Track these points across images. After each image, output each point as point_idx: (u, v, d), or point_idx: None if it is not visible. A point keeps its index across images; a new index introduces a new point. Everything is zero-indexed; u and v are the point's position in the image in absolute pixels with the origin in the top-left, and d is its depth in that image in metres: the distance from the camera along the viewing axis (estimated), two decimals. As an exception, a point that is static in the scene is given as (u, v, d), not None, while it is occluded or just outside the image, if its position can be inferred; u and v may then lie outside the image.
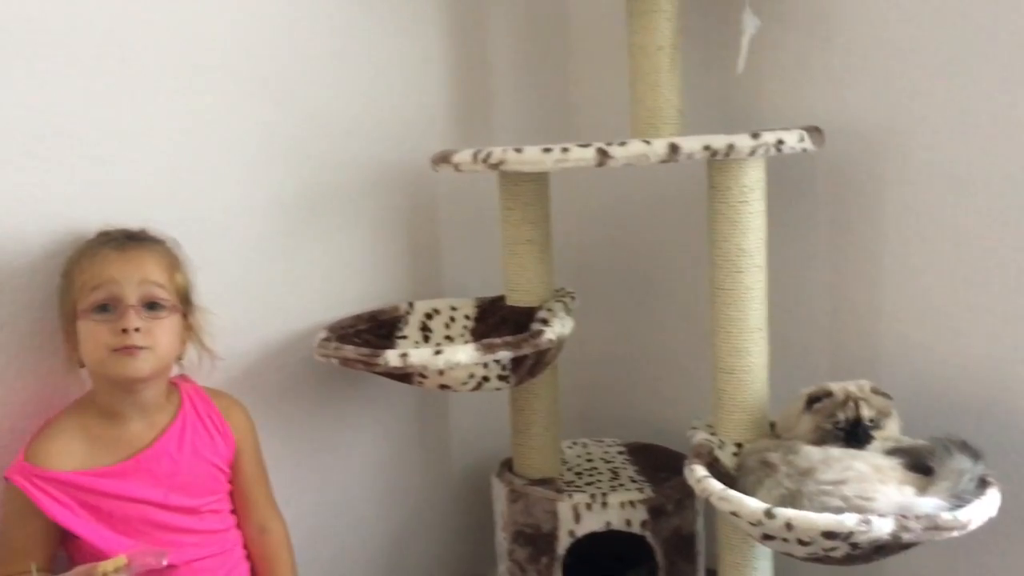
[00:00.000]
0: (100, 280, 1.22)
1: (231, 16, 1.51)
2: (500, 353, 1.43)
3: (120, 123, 1.38)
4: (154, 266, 1.27)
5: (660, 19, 1.56)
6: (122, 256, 1.24)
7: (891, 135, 1.57)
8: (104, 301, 1.22)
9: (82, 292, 1.22)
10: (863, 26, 1.58)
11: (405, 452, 1.86)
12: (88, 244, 1.28)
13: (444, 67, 1.85)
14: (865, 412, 1.40)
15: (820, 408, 1.43)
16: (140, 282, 1.24)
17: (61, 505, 1.22)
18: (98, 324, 1.22)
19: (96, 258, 1.24)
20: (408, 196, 1.80)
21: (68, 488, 1.22)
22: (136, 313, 1.22)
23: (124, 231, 1.31)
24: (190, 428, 1.33)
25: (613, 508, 1.61)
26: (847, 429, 1.40)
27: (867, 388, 1.43)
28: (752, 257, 1.47)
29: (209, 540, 1.33)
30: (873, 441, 1.39)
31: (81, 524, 1.23)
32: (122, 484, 1.25)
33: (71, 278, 1.25)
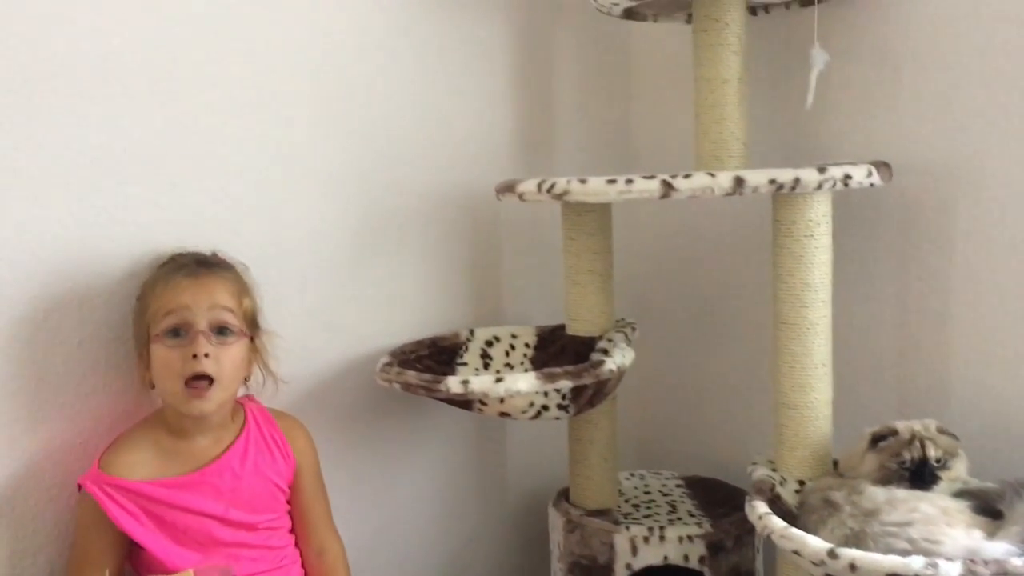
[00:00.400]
0: (173, 306, 1.26)
1: (302, 47, 1.56)
2: (561, 382, 1.44)
3: (193, 150, 1.43)
4: (224, 292, 1.31)
5: (727, 52, 1.56)
6: (194, 283, 1.29)
7: (960, 171, 1.55)
8: (176, 326, 1.26)
9: (155, 317, 1.27)
10: (931, 61, 1.57)
11: (462, 479, 1.86)
12: (162, 270, 1.32)
13: (509, 98, 1.87)
14: (931, 452, 1.37)
15: (885, 447, 1.40)
16: (210, 308, 1.28)
17: (128, 514, 1.26)
18: (169, 349, 1.26)
19: (169, 284, 1.28)
20: (471, 224, 1.82)
21: (135, 497, 1.26)
22: (206, 338, 1.27)
23: (196, 256, 1.35)
24: (253, 446, 1.37)
25: (671, 542, 1.59)
26: (913, 469, 1.37)
27: (933, 427, 1.40)
28: (817, 292, 1.46)
29: (266, 556, 1.36)
30: (939, 482, 1.36)
31: (145, 534, 1.26)
32: (186, 496, 1.29)
33: (146, 302, 1.30)
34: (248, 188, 1.50)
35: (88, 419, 1.33)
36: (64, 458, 1.31)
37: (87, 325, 1.33)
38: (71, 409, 1.32)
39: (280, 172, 1.54)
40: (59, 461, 1.31)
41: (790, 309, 1.47)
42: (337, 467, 1.61)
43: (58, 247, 1.30)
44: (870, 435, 1.43)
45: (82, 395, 1.33)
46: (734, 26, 1.56)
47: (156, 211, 1.39)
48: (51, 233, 1.29)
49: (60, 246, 1.30)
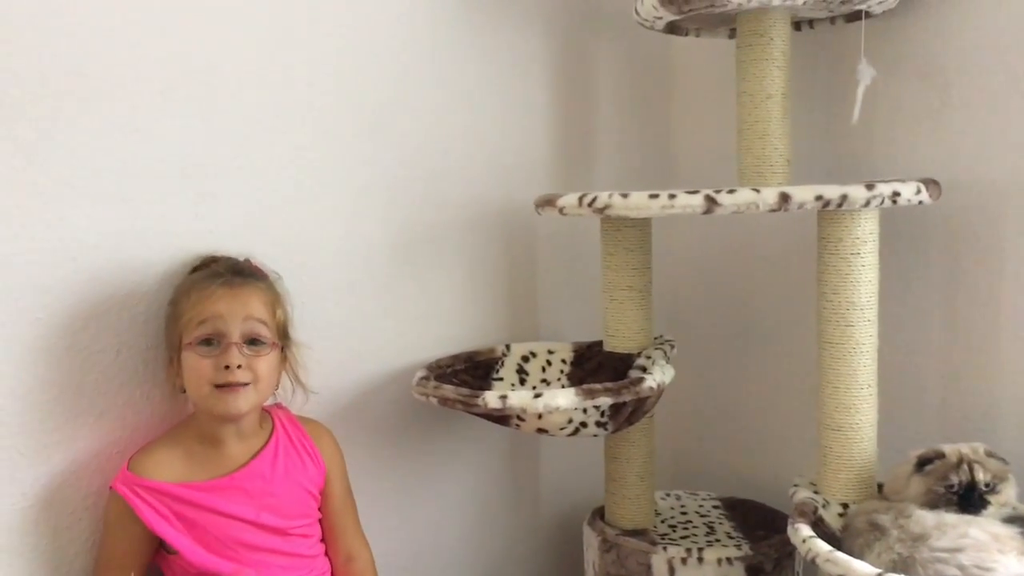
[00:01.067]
0: (207, 315, 1.26)
1: (338, 59, 1.55)
2: (600, 399, 1.42)
3: (231, 161, 1.42)
4: (258, 303, 1.30)
5: (771, 67, 1.55)
6: (229, 292, 1.28)
7: (1010, 189, 1.52)
8: (209, 336, 1.26)
9: (189, 325, 1.27)
10: (980, 76, 1.54)
11: (495, 496, 1.84)
12: (196, 276, 1.32)
13: (548, 111, 1.86)
14: (980, 476, 1.34)
15: (932, 470, 1.37)
16: (244, 319, 1.27)
17: (158, 514, 1.26)
18: (202, 358, 1.26)
19: (204, 293, 1.27)
20: (508, 238, 1.81)
21: (166, 498, 1.26)
22: (239, 349, 1.26)
23: (232, 264, 1.35)
24: (283, 451, 1.36)
25: (710, 564, 1.56)
26: (961, 493, 1.33)
27: (982, 451, 1.37)
28: (863, 311, 1.43)
29: (297, 564, 1.34)
30: (989, 507, 1.32)
31: (175, 535, 1.26)
32: (217, 499, 1.28)
33: (179, 309, 1.29)
34: (285, 199, 1.49)
35: (126, 428, 1.33)
36: (102, 466, 1.30)
37: (126, 334, 1.33)
38: (109, 417, 1.31)
39: (317, 184, 1.54)
40: (97, 469, 1.30)
41: (835, 329, 1.44)
42: (371, 480, 1.60)
43: (98, 255, 1.30)
44: (916, 458, 1.39)
45: (120, 404, 1.32)
46: (778, 41, 1.54)
47: (194, 221, 1.38)
48: (91, 242, 1.29)
49: (100, 254, 1.30)
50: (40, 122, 1.23)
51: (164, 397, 1.36)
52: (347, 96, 1.57)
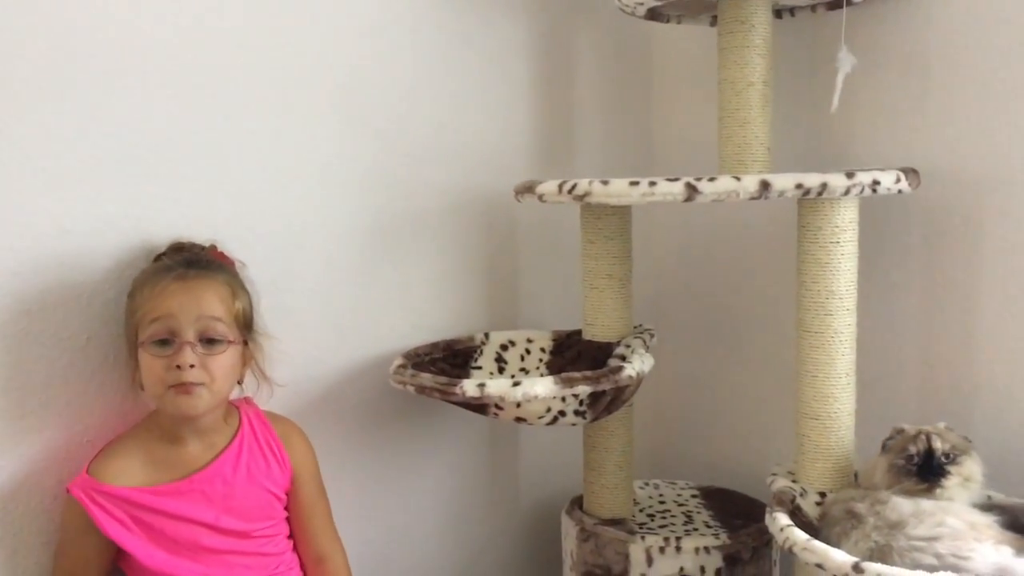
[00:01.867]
0: (159, 313, 1.21)
1: (314, 43, 1.53)
2: (579, 387, 1.41)
3: (206, 147, 1.40)
4: (213, 298, 1.25)
5: (753, 55, 1.54)
6: (182, 287, 1.23)
7: (988, 179, 1.52)
8: (162, 336, 1.22)
9: (143, 322, 1.23)
10: (960, 65, 1.54)
11: (473, 485, 1.84)
12: (152, 270, 1.27)
13: (529, 99, 1.85)
14: (938, 444, 1.34)
15: (892, 445, 1.38)
16: (198, 318, 1.23)
17: (116, 520, 1.22)
18: (155, 358, 1.22)
19: (156, 288, 1.23)
20: (487, 225, 1.80)
21: (124, 504, 1.23)
22: (192, 349, 1.22)
23: (188, 255, 1.30)
24: (247, 452, 1.32)
25: (687, 553, 1.56)
26: (920, 463, 1.34)
27: (941, 426, 1.38)
28: (842, 300, 1.43)
29: (261, 562, 1.32)
30: (949, 476, 1.32)
31: (133, 541, 1.23)
32: (175, 503, 1.25)
33: (134, 304, 1.25)
34: (262, 187, 1.47)
35: (96, 416, 1.31)
36: (73, 454, 1.28)
37: (96, 321, 1.30)
38: (78, 406, 1.29)
39: (295, 171, 1.52)
40: (66, 458, 1.28)
41: (814, 317, 1.44)
42: (348, 468, 1.59)
43: (68, 241, 1.27)
44: (882, 443, 1.41)
45: (90, 392, 1.30)
46: (760, 28, 1.54)
47: (168, 206, 1.36)
48: (61, 227, 1.26)
49: (70, 240, 1.28)
50: (6, 108, 1.21)
51: (134, 387, 1.33)
52: (323, 81, 1.54)
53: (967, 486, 1.34)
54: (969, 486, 1.34)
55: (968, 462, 1.35)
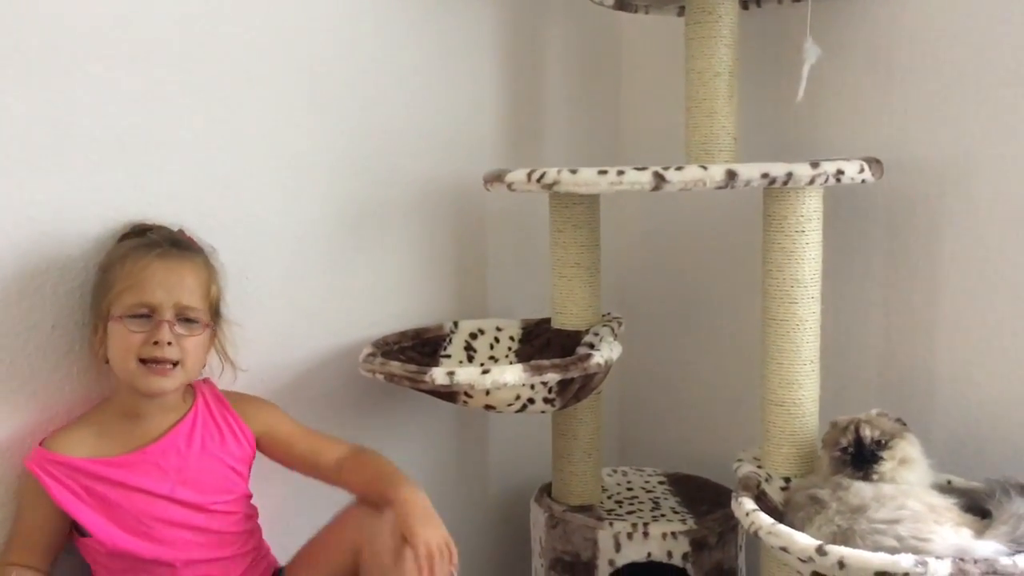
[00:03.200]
0: (140, 289, 1.22)
1: (290, 31, 1.52)
2: (548, 375, 1.42)
3: (174, 133, 1.39)
4: (193, 280, 1.27)
5: (720, 45, 1.55)
6: (164, 266, 1.24)
7: (951, 168, 1.55)
8: (141, 311, 1.23)
9: (121, 297, 1.23)
10: (923, 58, 1.56)
11: (442, 473, 1.84)
12: (132, 245, 1.27)
13: (497, 88, 1.85)
14: (867, 432, 1.37)
15: (826, 439, 1.42)
16: (178, 298, 1.24)
17: (68, 491, 1.23)
18: (131, 333, 1.22)
19: (139, 264, 1.23)
20: (455, 214, 1.80)
21: (77, 474, 1.23)
22: (170, 327, 1.23)
23: (168, 235, 1.30)
24: (201, 425, 1.33)
25: (655, 539, 1.58)
26: (852, 453, 1.36)
27: (873, 413, 1.41)
28: (807, 288, 1.45)
29: (221, 541, 1.32)
30: (882, 462, 1.35)
31: (87, 513, 1.23)
32: (129, 474, 1.26)
33: (111, 278, 1.25)
34: (227, 172, 1.46)
35: (62, 404, 1.30)
36: (38, 438, 1.26)
37: (61, 308, 1.29)
38: (44, 394, 1.28)
39: (260, 158, 1.50)
40: (32, 443, 1.26)
41: (779, 305, 1.46)
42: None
43: (31, 228, 1.26)
44: (822, 440, 1.44)
45: (56, 380, 1.29)
46: (727, 19, 1.55)
47: (135, 193, 1.35)
48: (24, 214, 1.25)
49: (33, 227, 1.26)
50: (-31, 89, 1.19)
51: (103, 373, 1.32)
52: (292, 69, 1.53)
53: (908, 467, 1.36)
54: (910, 466, 1.36)
55: (901, 444, 1.37)
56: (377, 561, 1.29)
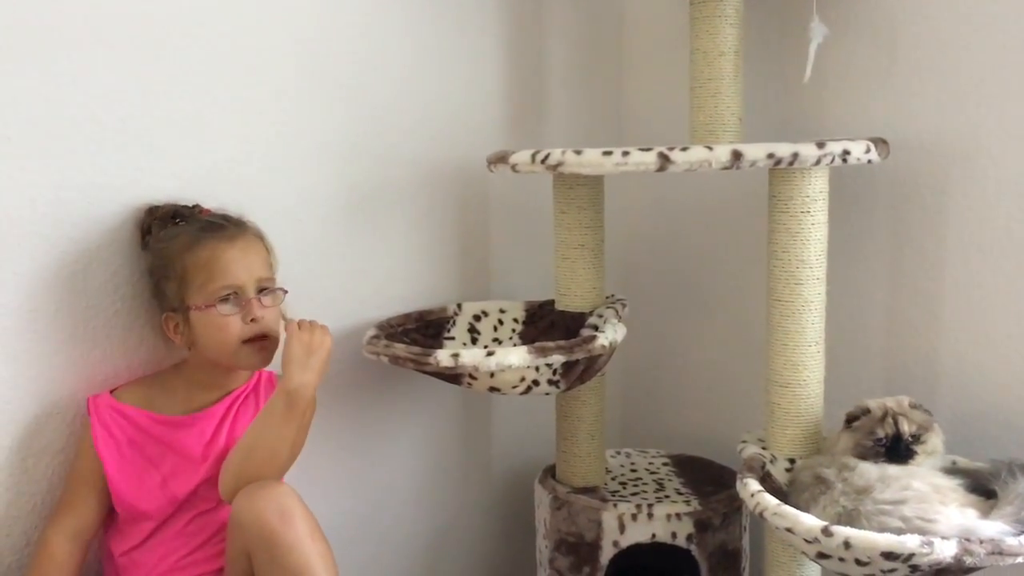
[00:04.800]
0: (222, 274, 1.26)
1: (290, 14, 1.51)
2: (553, 357, 1.41)
3: (176, 116, 1.38)
4: (260, 252, 1.32)
5: (724, 24, 1.54)
6: (233, 246, 1.28)
7: (956, 149, 1.54)
8: (228, 293, 1.26)
9: (202, 288, 1.26)
10: (930, 37, 1.55)
11: (447, 454, 1.84)
12: (188, 234, 1.28)
13: (499, 68, 1.84)
14: (905, 427, 1.36)
15: (859, 426, 1.40)
16: (257, 274, 1.29)
17: (109, 435, 1.28)
18: (225, 317, 1.26)
19: (208, 251, 1.26)
20: (458, 196, 1.79)
21: (125, 423, 1.29)
22: (259, 303, 1.28)
23: (214, 216, 1.33)
24: (242, 401, 1.36)
25: (659, 520, 1.58)
26: (888, 445, 1.36)
27: (906, 403, 1.40)
28: (812, 269, 1.44)
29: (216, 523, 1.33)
30: (915, 456, 1.35)
31: (115, 458, 1.27)
32: (173, 433, 1.30)
33: (181, 268, 1.26)
34: (232, 155, 1.46)
35: (62, 390, 1.31)
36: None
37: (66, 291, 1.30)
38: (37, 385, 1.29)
39: (265, 141, 1.50)
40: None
41: (784, 286, 1.45)
42: (322, 439, 1.58)
43: (61, 208, 1.27)
44: (845, 415, 1.42)
45: (57, 366, 1.29)
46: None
47: (125, 175, 1.34)
48: (29, 198, 1.25)
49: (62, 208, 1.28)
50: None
51: (105, 358, 1.34)
52: (297, 52, 1.53)
53: (933, 458, 1.37)
54: (934, 458, 1.37)
55: (932, 438, 1.38)
56: (264, 532, 1.18)
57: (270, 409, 1.25)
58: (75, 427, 1.31)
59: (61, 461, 1.30)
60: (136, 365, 1.37)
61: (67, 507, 1.28)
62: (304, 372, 1.25)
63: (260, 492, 1.20)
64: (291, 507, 1.19)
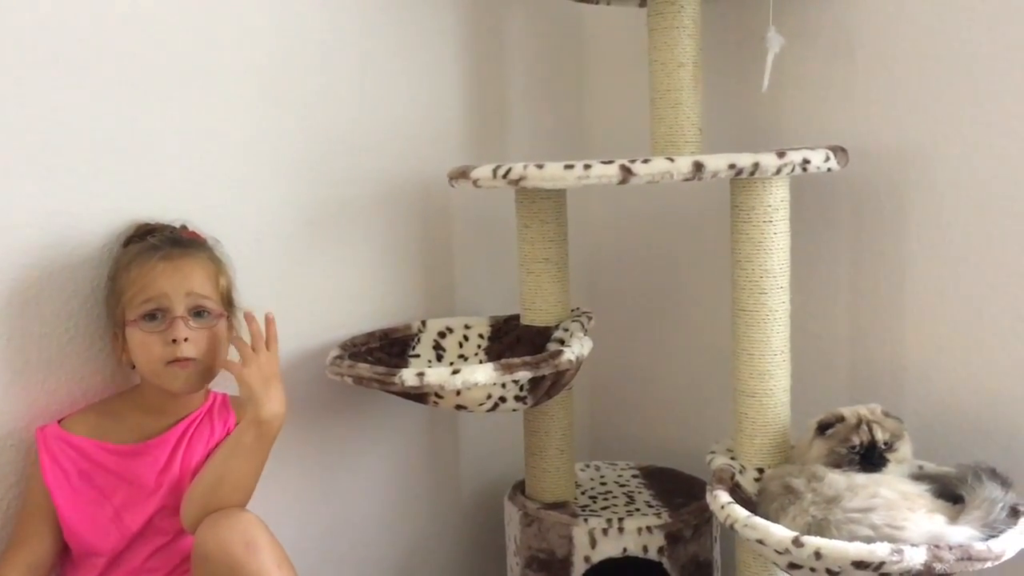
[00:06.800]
0: (149, 292, 1.24)
1: (258, 35, 1.50)
2: (519, 373, 1.40)
3: (118, 131, 1.35)
4: (200, 274, 1.28)
5: (682, 36, 1.54)
6: (170, 266, 1.26)
7: (914, 155, 1.55)
8: (153, 311, 1.24)
9: (132, 302, 1.24)
10: (886, 45, 1.56)
11: (414, 473, 1.82)
12: (135, 251, 1.28)
13: (460, 82, 1.83)
14: (879, 435, 1.37)
15: (833, 433, 1.40)
16: (187, 293, 1.26)
17: (59, 468, 1.24)
18: (148, 334, 1.24)
19: (144, 268, 1.25)
20: (420, 211, 1.77)
21: (74, 453, 1.25)
22: (184, 323, 1.24)
23: (170, 235, 1.31)
24: (196, 426, 1.33)
25: (630, 533, 1.57)
26: (862, 453, 1.37)
27: (879, 411, 1.41)
28: (776, 278, 1.44)
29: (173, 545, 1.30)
30: (888, 464, 1.36)
31: (63, 488, 1.23)
32: (124, 463, 1.27)
33: (120, 285, 1.26)
34: (190, 178, 1.43)
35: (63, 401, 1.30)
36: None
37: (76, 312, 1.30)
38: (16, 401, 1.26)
39: (224, 162, 1.47)
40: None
41: (749, 296, 1.45)
42: (286, 464, 1.56)
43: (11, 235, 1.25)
44: (816, 423, 1.43)
45: (10, 397, 1.26)
46: (689, 9, 1.54)
47: (83, 196, 1.31)
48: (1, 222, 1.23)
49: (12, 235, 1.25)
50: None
51: (87, 376, 1.33)
52: (256, 72, 1.51)
53: (902, 466, 1.38)
54: (904, 465, 1.38)
55: (903, 446, 1.39)
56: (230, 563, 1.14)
57: (238, 440, 1.23)
58: (30, 459, 1.27)
59: (16, 495, 1.27)
60: (92, 393, 1.33)
61: (21, 542, 1.24)
62: (271, 403, 1.23)
63: (224, 522, 1.17)
64: (257, 536, 1.16)
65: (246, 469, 1.22)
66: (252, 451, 1.22)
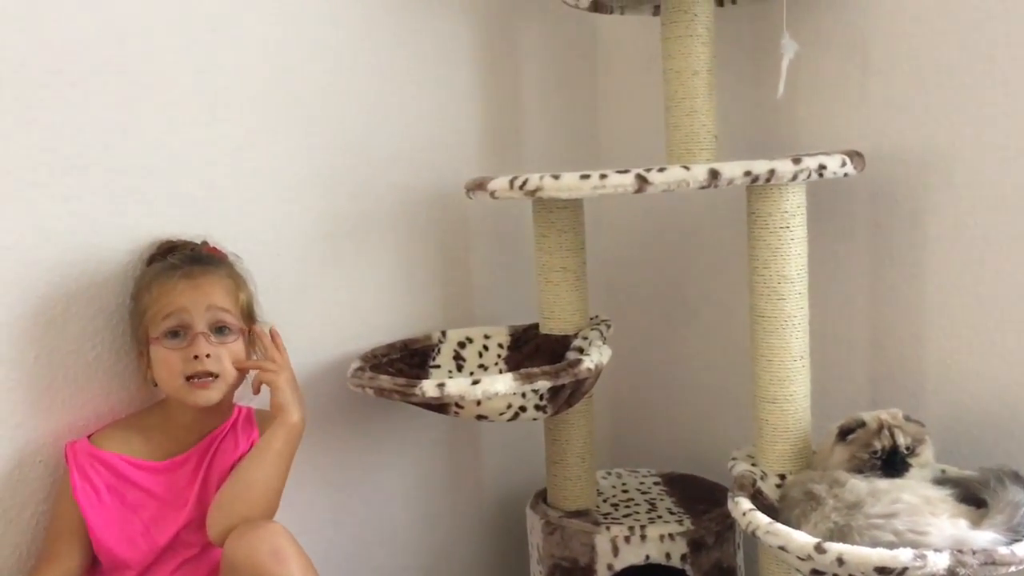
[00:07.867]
0: (170, 309, 1.26)
1: (271, 48, 1.52)
2: (539, 382, 1.41)
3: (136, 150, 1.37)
4: (220, 291, 1.30)
5: (696, 44, 1.55)
6: (190, 283, 1.27)
7: (931, 159, 1.55)
8: (174, 328, 1.26)
9: (154, 320, 1.26)
10: (901, 49, 1.56)
11: (436, 483, 1.83)
12: (156, 270, 1.30)
13: (474, 94, 1.84)
14: (901, 440, 1.37)
15: (855, 439, 1.40)
16: (207, 308, 1.27)
17: (88, 483, 1.26)
18: (170, 351, 1.26)
19: (165, 287, 1.27)
20: (439, 223, 1.79)
21: (103, 469, 1.26)
22: (205, 339, 1.26)
23: (190, 253, 1.33)
24: (221, 441, 1.34)
25: (652, 541, 1.57)
26: (884, 458, 1.37)
27: (900, 416, 1.41)
28: (794, 284, 1.44)
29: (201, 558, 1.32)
30: (910, 469, 1.36)
31: (96, 508, 1.25)
32: (153, 479, 1.28)
33: (142, 305, 1.28)
34: (208, 195, 1.45)
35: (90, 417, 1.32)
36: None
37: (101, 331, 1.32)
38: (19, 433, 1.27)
39: (243, 176, 1.49)
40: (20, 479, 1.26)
41: (767, 302, 1.45)
42: (310, 477, 1.57)
43: (37, 254, 1.27)
44: (837, 428, 1.43)
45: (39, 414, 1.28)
46: (703, 16, 1.54)
47: (113, 216, 1.33)
48: (4, 246, 1.24)
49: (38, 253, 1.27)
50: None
51: (106, 393, 1.34)
52: (272, 85, 1.52)
53: (925, 470, 1.38)
54: (926, 469, 1.38)
55: (925, 450, 1.38)
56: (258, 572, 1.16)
57: (268, 444, 1.27)
58: (59, 475, 1.29)
59: (45, 510, 1.28)
60: (119, 409, 1.35)
61: (51, 557, 1.26)
62: (299, 407, 1.30)
63: (252, 532, 1.19)
64: (284, 546, 1.18)
65: (273, 474, 1.26)
66: (280, 456, 1.27)
